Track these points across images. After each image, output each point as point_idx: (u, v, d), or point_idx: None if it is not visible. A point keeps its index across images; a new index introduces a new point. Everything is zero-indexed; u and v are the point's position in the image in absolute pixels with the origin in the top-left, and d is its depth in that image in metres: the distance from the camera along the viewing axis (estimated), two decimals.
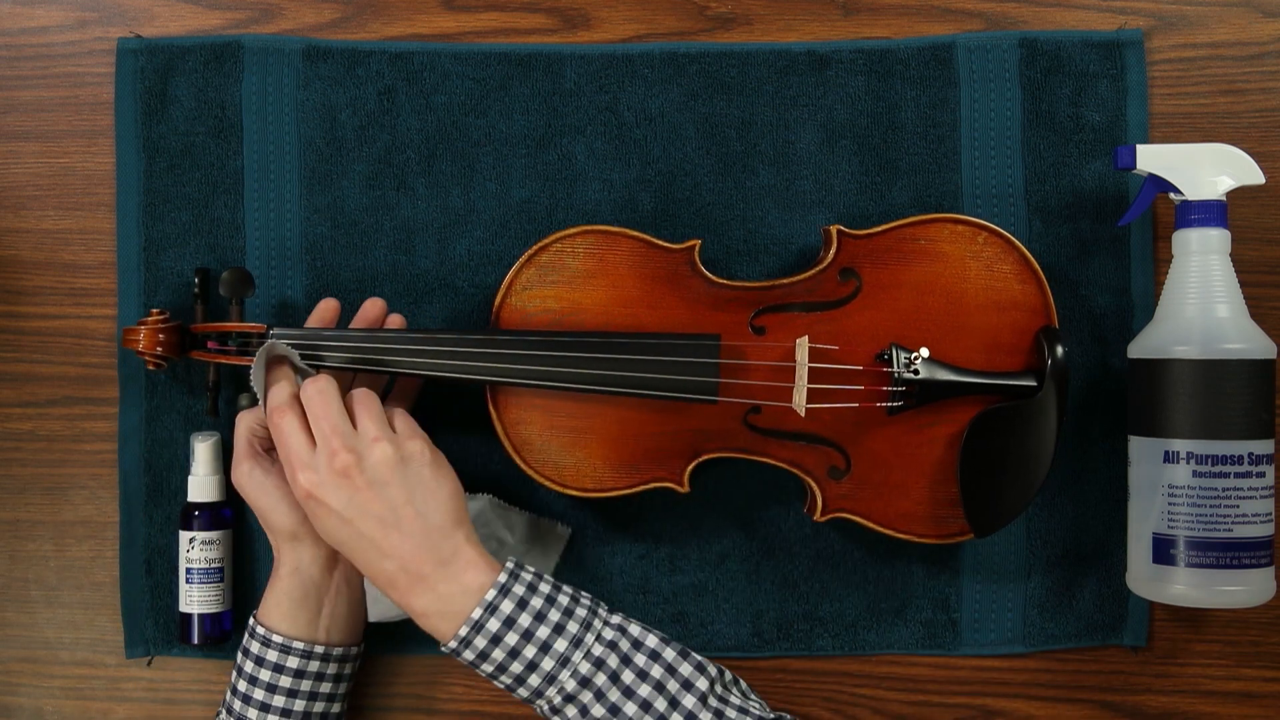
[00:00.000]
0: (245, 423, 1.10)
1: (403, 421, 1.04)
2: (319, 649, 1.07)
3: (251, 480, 1.08)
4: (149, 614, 1.18)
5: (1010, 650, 1.18)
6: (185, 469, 1.17)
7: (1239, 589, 1.06)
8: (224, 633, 1.15)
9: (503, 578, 1.00)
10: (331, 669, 1.08)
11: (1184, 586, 1.07)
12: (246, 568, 1.18)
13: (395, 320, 1.13)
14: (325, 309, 1.13)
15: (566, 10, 1.19)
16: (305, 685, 1.07)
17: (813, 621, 1.18)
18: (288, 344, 1.07)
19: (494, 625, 0.98)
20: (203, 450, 1.15)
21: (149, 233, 1.17)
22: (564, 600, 1.01)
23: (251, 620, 1.08)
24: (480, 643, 0.98)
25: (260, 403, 1.05)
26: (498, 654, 0.99)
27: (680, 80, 1.18)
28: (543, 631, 0.99)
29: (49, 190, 1.19)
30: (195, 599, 1.14)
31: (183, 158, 1.18)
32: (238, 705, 1.06)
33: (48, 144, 1.19)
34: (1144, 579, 1.10)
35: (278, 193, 1.18)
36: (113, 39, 1.19)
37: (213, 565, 1.14)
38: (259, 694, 1.06)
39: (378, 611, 1.11)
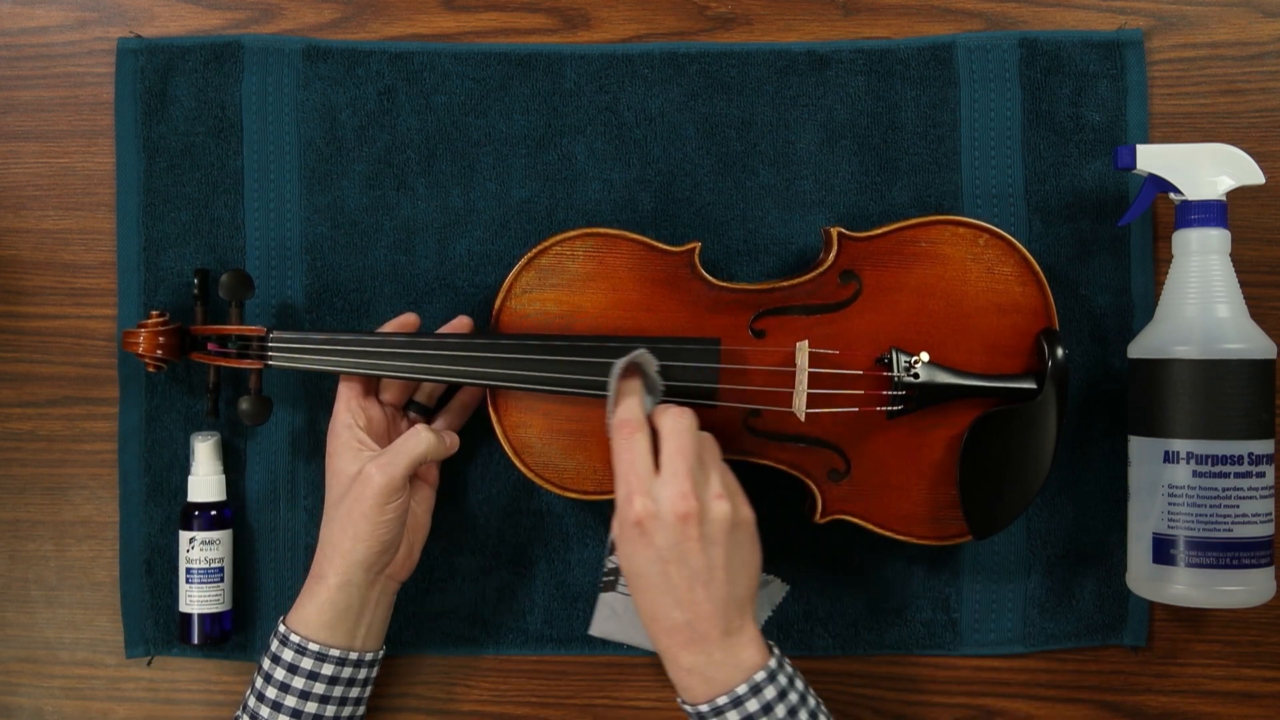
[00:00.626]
0: (427, 446, 1.07)
1: (734, 481, 1.03)
2: (353, 655, 1.07)
3: (393, 494, 1.06)
4: (149, 614, 1.18)
5: (1010, 650, 1.18)
6: (185, 469, 1.17)
7: (1239, 589, 1.06)
8: (224, 633, 1.15)
9: (773, 663, 1.00)
10: (362, 673, 1.08)
11: (1184, 586, 1.07)
12: (246, 568, 1.18)
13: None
14: (405, 321, 1.12)
15: (566, 10, 1.19)
16: (337, 691, 1.07)
17: (813, 621, 1.18)
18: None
19: (752, 706, 0.98)
20: (203, 450, 1.15)
21: (149, 233, 1.17)
22: (812, 703, 1.01)
23: (282, 627, 1.07)
24: (733, 717, 0.98)
25: (609, 405, 1.04)
26: None
27: (680, 80, 1.18)
28: None
29: (49, 190, 1.19)
30: (195, 599, 1.14)
31: (183, 158, 1.18)
32: (265, 712, 1.06)
33: (48, 144, 1.19)
34: (1144, 579, 1.10)
35: (278, 193, 1.18)
36: (113, 39, 1.19)
37: (213, 565, 1.14)
38: (291, 701, 1.05)
39: (606, 630, 1.12)
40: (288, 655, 1.06)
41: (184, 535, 1.14)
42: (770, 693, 0.99)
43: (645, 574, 0.99)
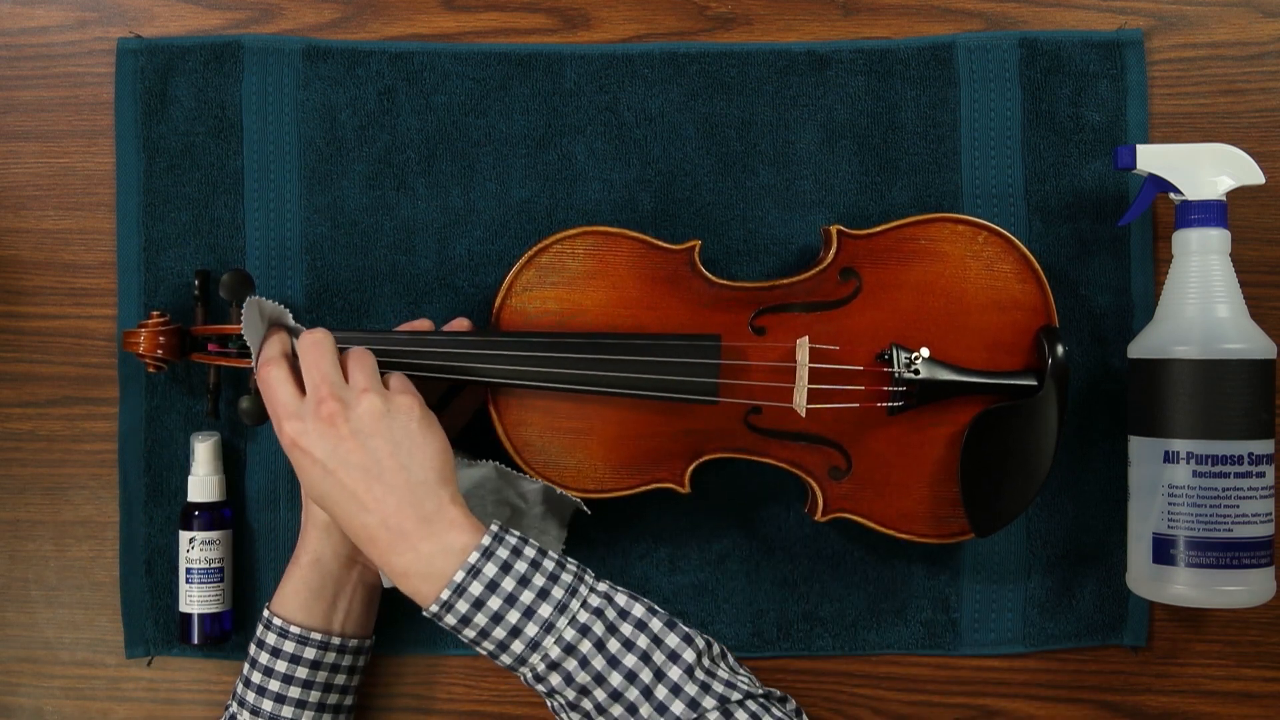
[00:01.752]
0: None
1: (398, 380, 1.03)
2: (335, 640, 1.07)
3: None
4: (149, 614, 1.18)
5: (1010, 650, 1.18)
6: (185, 469, 1.17)
7: (1239, 589, 1.06)
8: (224, 633, 1.15)
9: (486, 540, 0.97)
10: (346, 660, 1.09)
11: (1184, 586, 1.07)
12: (246, 568, 1.18)
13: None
14: (418, 326, 1.12)
15: (566, 10, 1.19)
16: (320, 676, 1.07)
17: (813, 621, 1.18)
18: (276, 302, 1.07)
19: (476, 589, 0.96)
20: (203, 450, 1.15)
21: (149, 233, 1.17)
22: (549, 565, 0.98)
23: (266, 611, 1.08)
24: (462, 607, 0.96)
25: (253, 359, 1.05)
26: (480, 619, 0.96)
27: (680, 80, 1.18)
28: (526, 596, 0.96)
29: (49, 190, 1.19)
30: (195, 599, 1.14)
31: (183, 158, 1.18)
32: (251, 697, 1.07)
33: (48, 144, 1.19)
34: (1144, 579, 1.10)
35: (278, 193, 1.18)
36: (113, 39, 1.19)
37: (213, 565, 1.14)
38: (274, 684, 1.06)
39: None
40: (270, 638, 1.07)
41: (184, 535, 1.14)
42: (491, 569, 0.96)
43: (323, 490, 0.99)
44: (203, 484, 1.15)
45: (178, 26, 1.19)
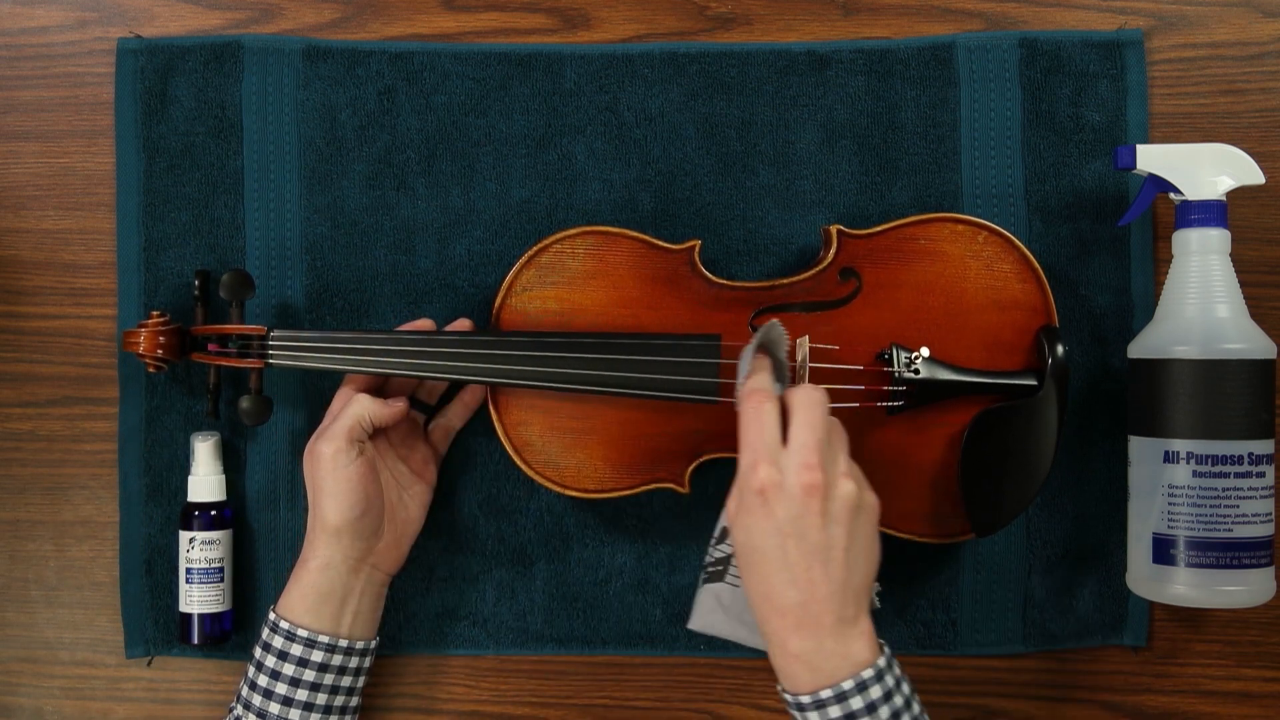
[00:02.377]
0: (362, 406, 1.08)
1: (859, 471, 1.00)
2: (342, 643, 1.07)
3: (335, 462, 1.07)
4: (149, 614, 1.18)
5: (1010, 650, 1.18)
6: (185, 469, 1.17)
7: (1239, 589, 1.06)
8: (224, 633, 1.15)
9: (882, 661, 0.96)
10: (353, 662, 1.09)
11: (1184, 586, 1.07)
12: (246, 568, 1.18)
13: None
14: (420, 325, 1.12)
15: (566, 10, 1.19)
16: (327, 679, 1.07)
17: None
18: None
19: (856, 704, 0.94)
20: (203, 450, 1.15)
21: (149, 233, 1.17)
22: (916, 709, 0.98)
23: (272, 615, 1.08)
24: (834, 712, 0.94)
25: (740, 376, 1.02)
26: None
27: (680, 80, 1.18)
28: None
29: (49, 190, 1.19)
30: (195, 599, 1.14)
31: (183, 158, 1.18)
32: (257, 700, 1.06)
33: (48, 144, 1.19)
34: (1144, 579, 1.10)
35: (278, 193, 1.18)
36: (113, 39, 1.19)
37: (213, 565, 1.14)
38: (281, 687, 1.06)
39: (706, 623, 1.08)
40: (278, 642, 1.07)
41: (184, 535, 1.14)
42: (876, 692, 0.95)
43: (762, 548, 0.96)
44: (203, 484, 1.15)
45: (178, 26, 1.19)
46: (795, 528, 0.95)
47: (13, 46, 1.19)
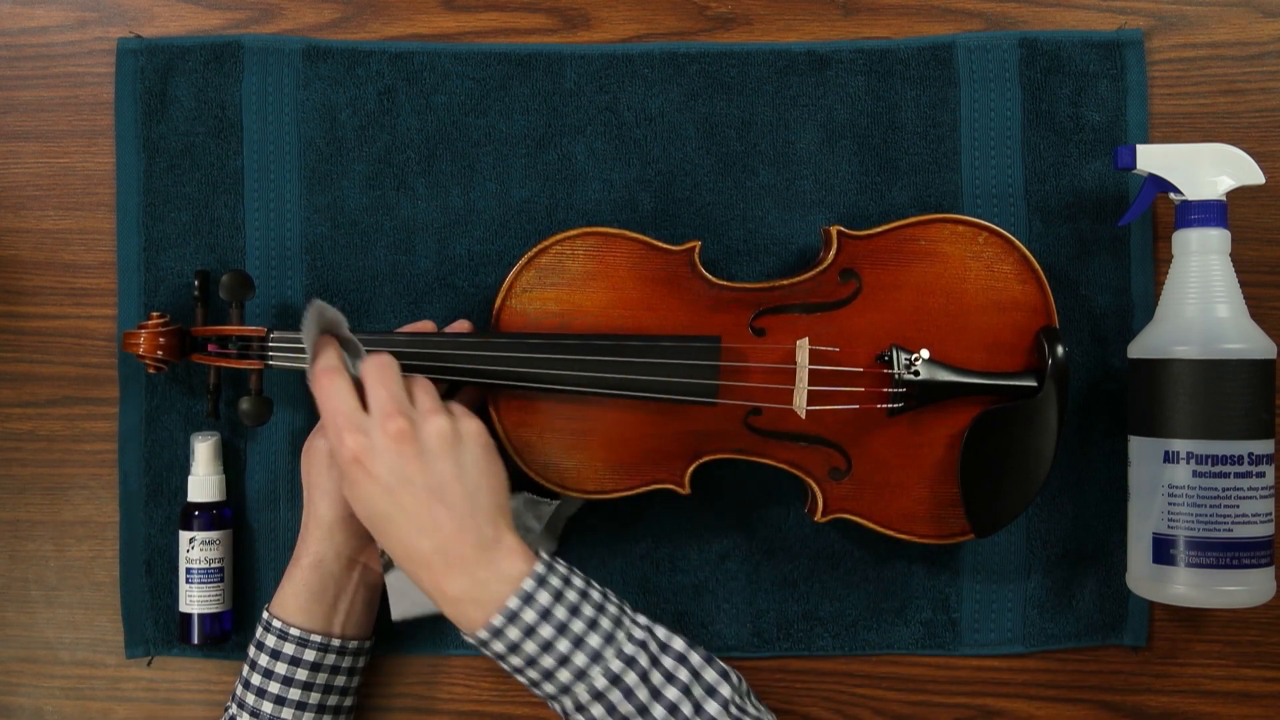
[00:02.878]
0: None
1: (460, 406, 1.02)
2: (335, 642, 1.08)
3: (332, 459, 1.06)
4: (149, 614, 1.18)
5: (1010, 650, 1.18)
6: (185, 469, 1.17)
7: (1239, 589, 1.06)
8: (224, 633, 1.15)
9: (540, 568, 0.97)
10: (346, 662, 1.09)
11: (1184, 586, 1.07)
12: (246, 568, 1.18)
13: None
14: (420, 328, 1.12)
15: (566, 10, 1.19)
16: (320, 678, 1.07)
17: (813, 621, 1.18)
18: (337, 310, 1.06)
19: (529, 616, 0.95)
20: (203, 450, 1.15)
21: (149, 233, 1.17)
22: (596, 595, 0.99)
23: (265, 614, 1.08)
24: (513, 634, 0.95)
25: (309, 363, 1.03)
26: (529, 646, 0.96)
27: (680, 80, 1.18)
28: (577, 625, 0.96)
29: (49, 190, 1.19)
30: (195, 599, 1.14)
31: (183, 158, 1.18)
32: (251, 699, 1.07)
33: (48, 144, 1.19)
34: (1144, 579, 1.10)
35: (278, 193, 1.18)
36: (113, 39, 1.19)
37: (213, 565, 1.14)
38: (274, 687, 1.06)
39: (402, 609, 1.09)
40: (270, 641, 1.07)
41: (184, 535, 1.14)
42: (545, 597, 0.96)
43: (381, 511, 0.97)
44: (203, 484, 1.15)
45: (178, 26, 1.19)
46: (399, 478, 0.96)
47: (13, 46, 1.19)
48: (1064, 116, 1.18)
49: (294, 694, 1.06)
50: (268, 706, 1.06)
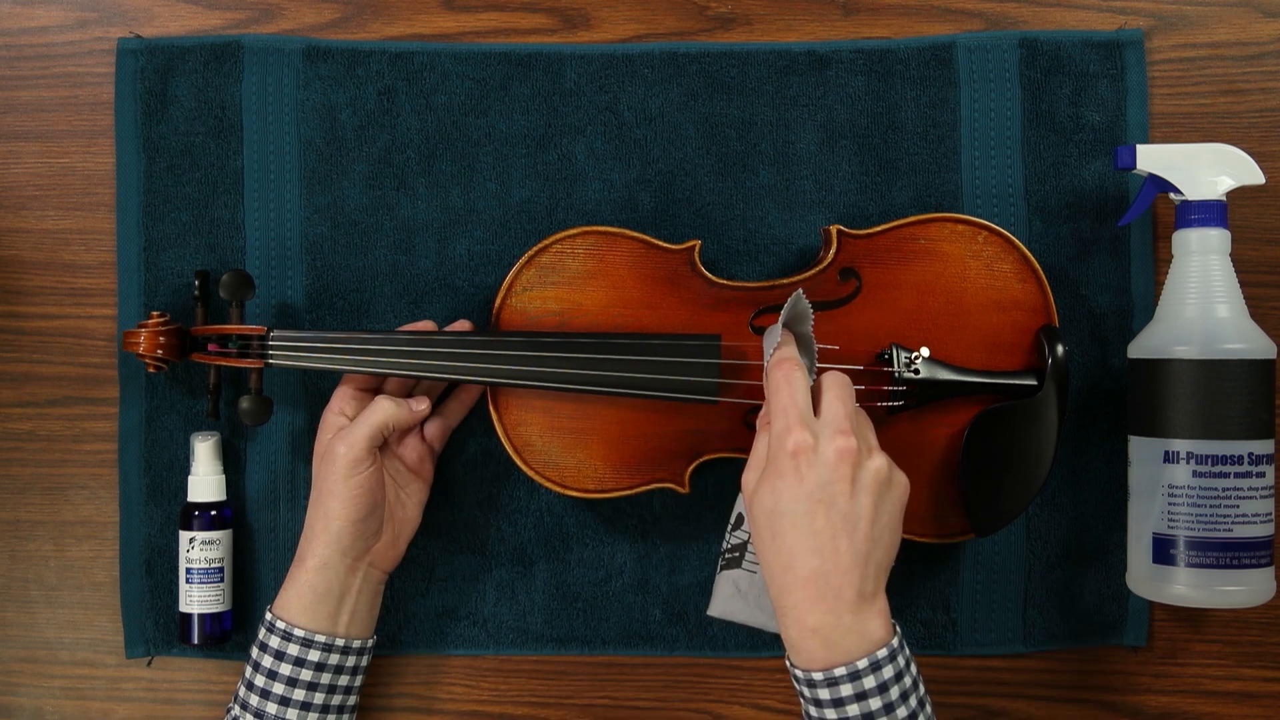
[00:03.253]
0: (386, 412, 1.08)
1: (885, 454, 1.00)
2: (339, 642, 1.07)
3: (352, 469, 1.06)
4: (149, 614, 1.18)
5: (1010, 650, 1.18)
6: (185, 469, 1.17)
7: (1239, 589, 1.06)
8: (224, 633, 1.15)
9: (895, 641, 0.95)
10: (349, 662, 1.09)
11: (1184, 586, 1.07)
12: (246, 568, 1.18)
13: (425, 326, 1.13)
14: (421, 328, 1.12)
15: (566, 10, 1.19)
16: (325, 678, 1.07)
17: None
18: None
19: (869, 683, 0.93)
20: (203, 450, 1.15)
21: (149, 233, 1.17)
22: (922, 690, 0.98)
23: (269, 615, 1.08)
24: (846, 690, 0.94)
25: (767, 349, 1.02)
26: (852, 710, 0.94)
27: (680, 80, 1.18)
28: (901, 712, 0.95)
29: (49, 190, 1.19)
30: (195, 599, 1.14)
31: (183, 158, 1.18)
32: (255, 700, 1.07)
33: (48, 144, 1.19)
34: (1144, 579, 1.10)
35: (278, 193, 1.18)
36: (113, 39, 1.19)
37: (213, 565, 1.14)
38: (279, 688, 1.06)
39: (729, 609, 1.07)
40: (274, 642, 1.07)
41: (184, 535, 1.14)
42: (888, 672, 0.94)
43: (790, 512, 0.95)
44: (203, 484, 1.15)
45: (178, 26, 1.19)
46: (825, 494, 0.94)
47: (13, 46, 1.19)
48: (1064, 116, 1.18)
49: (298, 695, 1.06)
50: (272, 707, 1.06)
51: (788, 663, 0.97)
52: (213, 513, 1.15)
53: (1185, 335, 1.07)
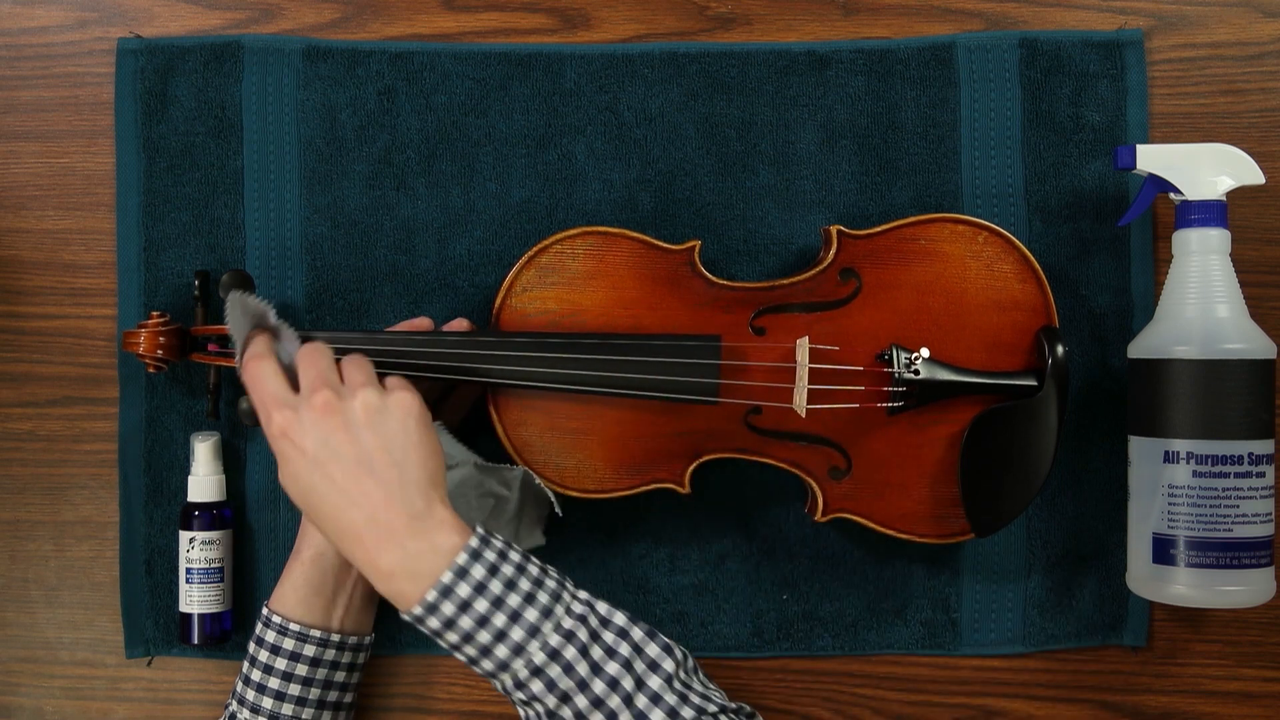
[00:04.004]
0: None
1: (397, 379, 1.00)
2: (334, 637, 1.08)
3: None
4: (149, 614, 1.18)
5: (1010, 650, 1.18)
6: (185, 469, 1.17)
7: (1239, 589, 1.06)
8: (224, 633, 1.15)
9: (474, 541, 0.94)
10: (346, 658, 1.09)
11: (1184, 586, 1.07)
12: (246, 568, 1.18)
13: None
14: (417, 324, 1.12)
15: (566, 10, 1.19)
16: (320, 674, 1.07)
17: (813, 621, 1.18)
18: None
19: (464, 590, 0.93)
20: (203, 450, 1.15)
21: (149, 233, 1.17)
22: (533, 570, 0.96)
23: (265, 610, 1.08)
24: (447, 609, 0.93)
25: (237, 355, 1.03)
26: (465, 622, 0.93)
27: (680, 80, 1.18)
28: (513, 600, 0.94)
29: (49, 190, 1.19)
30: (195, 599, 1.14)
31: (183, 158, 1.18)
32: (251, 695, 1.07)
33: (48, 144, 1.19)
34: (1144, 579, 1.10)
35: (278, 193, 1.18)
36: (113, 39, 1.19)
37: (213, 565, 1.14)
38: (274, 682, 1.06)
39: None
40: (270, 637, 1.07)
41: (184, 535, 1.14)
42: (479, 570, 0.93)
43: (309, 485, 0.96)
44: (203, 484, 1.15)
45: (178, 26, 1.19)
46: (327, 451, 0.95)
47: (13, 46, 1.19)
48: (1064, 116, 1.18)
49: (294, 690, 1.06)
50: (268, 702, 1.06)
51: (402, 615, 0.96)
52: (213, 513, 1.15)
53: (1185, 335, 1.07)
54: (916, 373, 1.08)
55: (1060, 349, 1.08)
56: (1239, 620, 1.19)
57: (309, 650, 1.06)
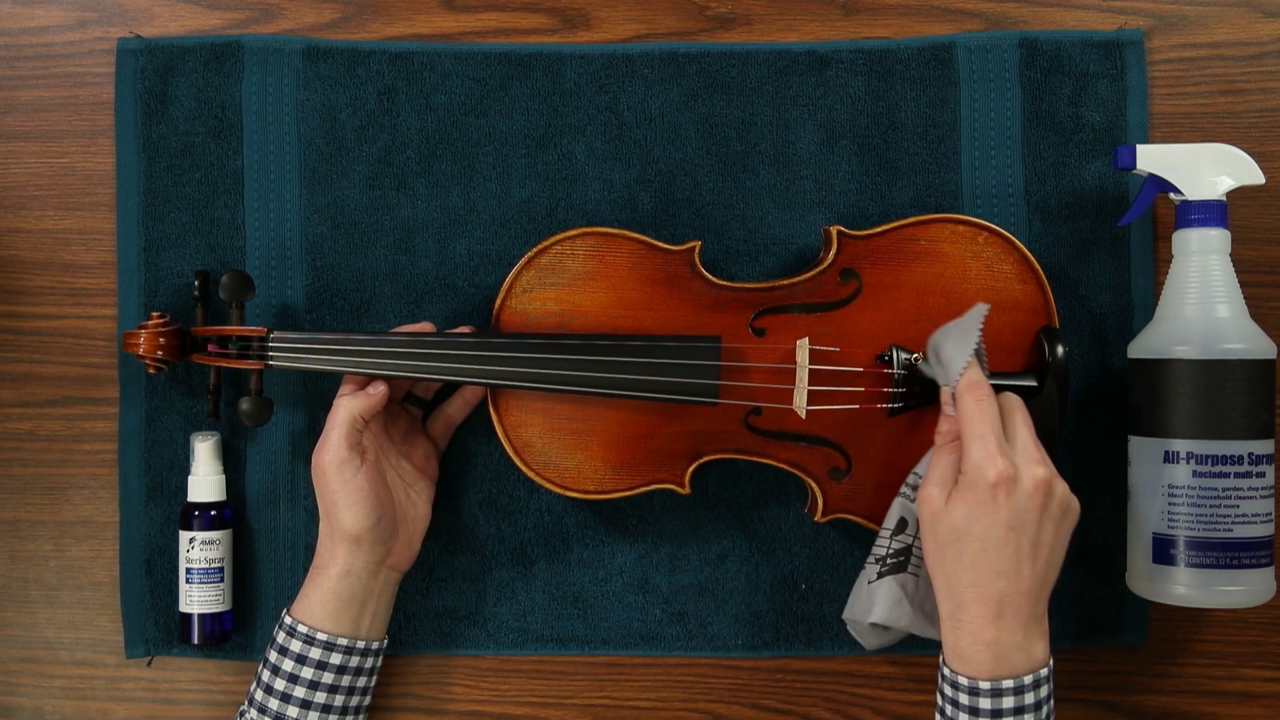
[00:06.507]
0: (350, 409, 1.07)
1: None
2: (360, 644, 1.08)
3: (342, 473, 1.06)
4: (149, 614, 1.18)
5: None
6: (185, 469, 1.17)
7: (1239, 589, 1.06)
8: (224, 633, 1.15)
9: (1052, 663, 1.01)
10: (368, 662, 1.10)
11: (1184, 586, 1.07)
12: (246, 568, 1.18)
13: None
14: (420, 329, 1.12)
15: (566, 10, 1.19)
16: (345, 680, 1.08)
17: (813, 621, 1.18)
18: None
19: (1029, 699, 0.99)
20: (203, 450, 1.15)
21: (149, 233, 1.17)
22: (1053, 706, 1.03)
23: (288, 619, 1.08)
24: (1007, 702, 0.99)
25: (942, 367, 1.05)
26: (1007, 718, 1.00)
27: (680, 80, 1.18)
28: None
29: (49, 190, 1.19)
30: (195, 599, 1.14)
31: (183, 158, 1.18)
32: (275, 704, 1.07)
33: (48, 144, 1.19)
34: (1144, 579, 1.10)
35: (278, 193, 1.18)
36: (113, 39, 1.19)
37: (213, 565, 1.14)
38: (300, 691, 1.06)
39: (894, 615, 1.07)
40: (295, 645, 1.07)
41: (184, 535, 1.14)
42: (1044, 691, 1.00)
43: (983, 538, 0.99)
44: (203, 484, 1.15)
45: (178, 26, 1.19)
46: (1020, 522, 0.98)
47: (13, 46, 1.19)
48: (1064, 116, 1.18)
49: (319, 696, 1.07)
50: (292, 711, 1.06)
51: (945, 667, 1.01)
52: (213, 513, 1.15)
53: (1185, 335, 1.07)
54: (917, 373, 1.08)
55: (1060, 349, 1.08)
56: (1239, 620, 1.19)
57: (335, 658, 1.07)
